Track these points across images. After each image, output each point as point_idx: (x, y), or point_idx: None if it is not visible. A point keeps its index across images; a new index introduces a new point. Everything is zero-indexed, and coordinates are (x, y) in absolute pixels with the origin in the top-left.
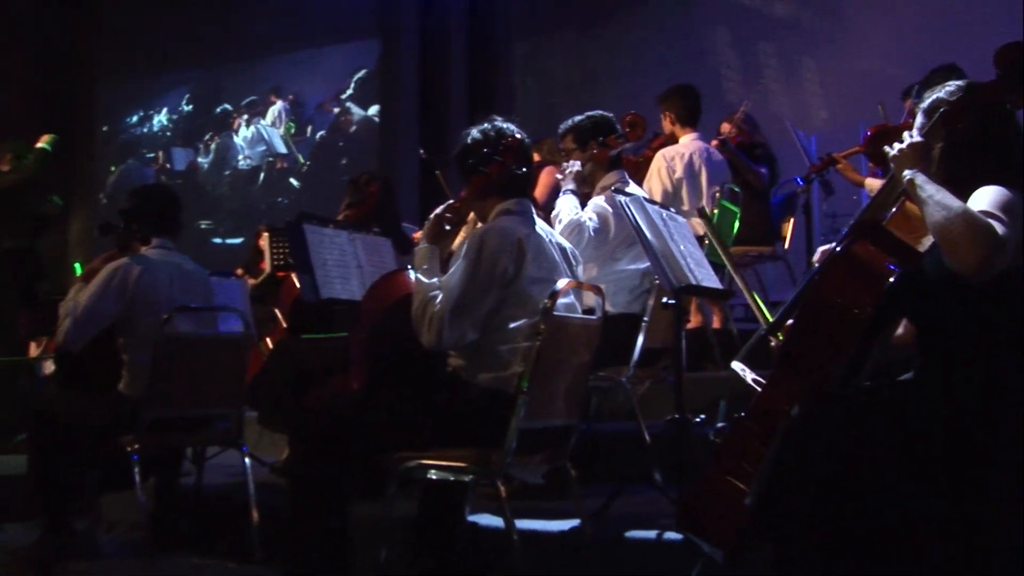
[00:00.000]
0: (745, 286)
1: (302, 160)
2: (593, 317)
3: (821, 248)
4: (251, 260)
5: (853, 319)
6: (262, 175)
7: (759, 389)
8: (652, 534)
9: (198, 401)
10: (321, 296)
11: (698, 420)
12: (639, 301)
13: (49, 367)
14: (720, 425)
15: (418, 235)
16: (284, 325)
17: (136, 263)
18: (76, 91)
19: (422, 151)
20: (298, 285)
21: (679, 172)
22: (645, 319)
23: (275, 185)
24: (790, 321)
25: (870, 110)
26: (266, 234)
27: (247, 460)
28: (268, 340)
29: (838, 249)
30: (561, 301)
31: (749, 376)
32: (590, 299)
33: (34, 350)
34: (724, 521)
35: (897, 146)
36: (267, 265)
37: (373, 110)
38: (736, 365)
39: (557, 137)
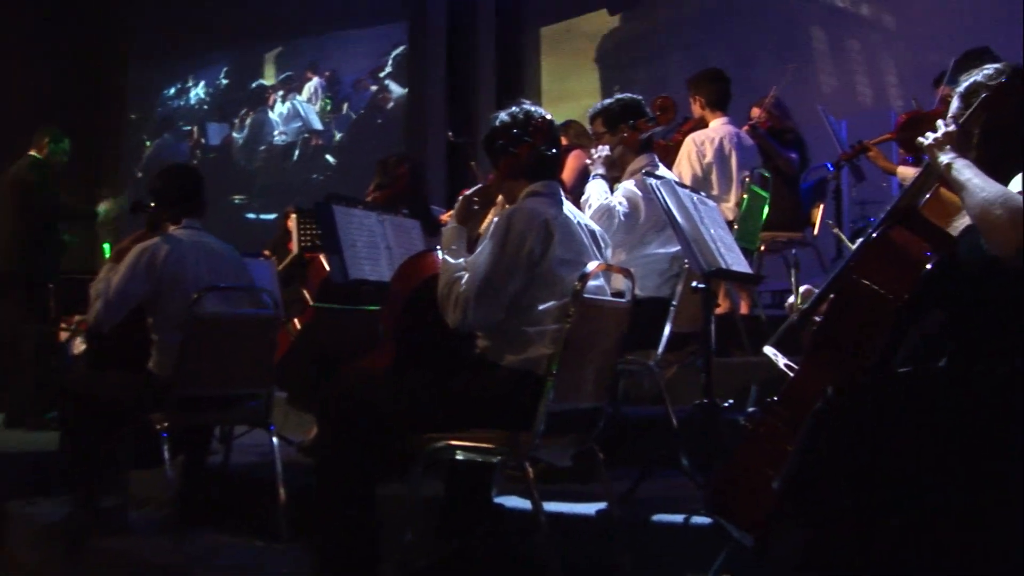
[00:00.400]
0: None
1: (338, 137)
2: (623, 300)
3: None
4: (279, 241)
5: (887, 305)
6: (297, 151)
7: (791, 374)
8: (679, 518)
9: (227, 380)
10: (350, 277)
11: (726, 405)
12: (668, 285)
13: (79, 346)
14: (751, 410)
15: (446, 217)
16: (311, 306)
17: (165, 243)
18: (106, 72)
19: (450, 133)
20: (327, 266)
21: (709, 157)
22: (674, 303)
23: (310, 161)
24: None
25: (901, 95)
26: (294, 215)
27: (275, 440)
28: (296, 321)
29: (874, 235)
30: (591, 284)
31: (781, 361)
32: (619, 282)
33: (63, 334)
34: (753, 505)
35: (932, 134)
36: (295, 246)
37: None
38: (768, 350)
39: (584, 120)
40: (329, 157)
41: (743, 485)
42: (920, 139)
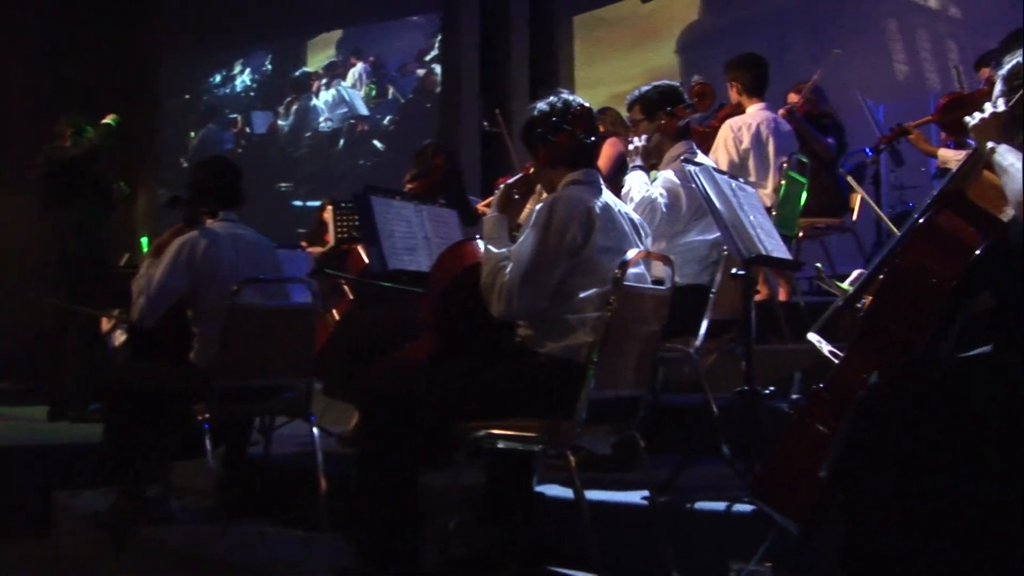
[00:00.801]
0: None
1: (386, 122)
2: (663, 287)
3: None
4: (315, 233)
5: (935, 291)
6: (342, 138)
7: (836, 361)
8: (721, 506)
9: (266, 371)
10: (388, 267)
11: (767, 392)
12: (708, 272)
13: (119, 337)
14: (795, 397)
15: (482, 206)
16: (351, 297)
17: (203, 237)
18: (141, 64)
19: (485, 123)
20: (365, 257)
21: (746, 143)
22: (713, 291)
23: (356, 148)
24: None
25: (940, 79)
26: (330, 207)
27: (315, 430)
28: (335, 312)
29: (920, 220)
30: (631, 271)
31: (825, 348)
32: (659, 270)
33: (105, 324)
34: (798, 493)
35: (978, 115)
36: (331, 238)
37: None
38: (812, 336)
39: (620, 108)
40: (376, 143)
41: (788, 472)
42: (967, 118)
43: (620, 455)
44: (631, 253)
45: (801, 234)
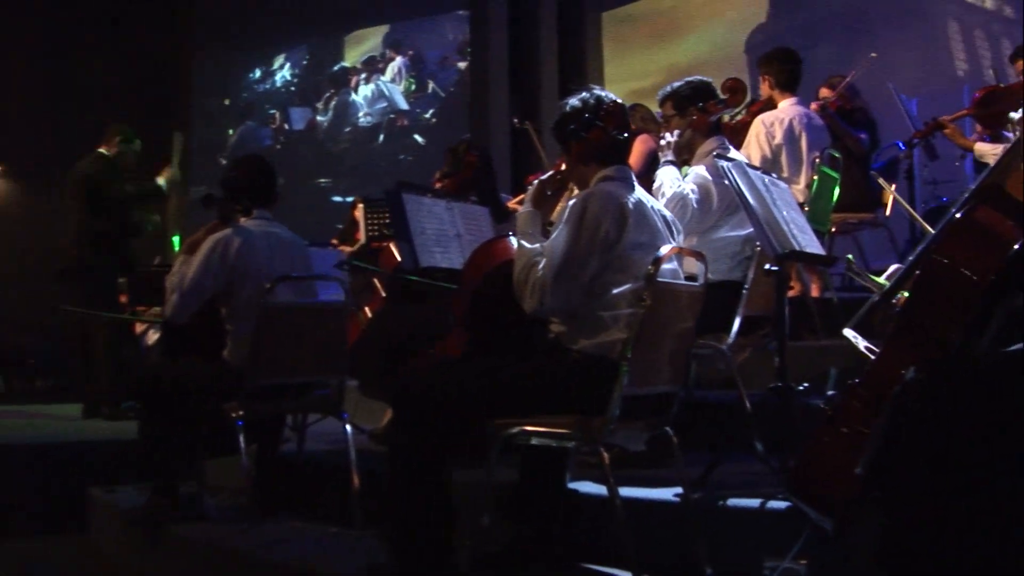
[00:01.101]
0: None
1: (427, 115)
2: (696, 284)
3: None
4: (346, 231)
5: (972, 286)
6: (383, 132)
7: (872, 357)
8: (755, 502)
9: (299, 369)
10: (421, 264)
11: (801, 389)
12: (740, 268)
13: (152, 336)
14: (831, 393)
15: (513, 203)
16: (383, 294)
17: (236, 235)
18: (174, 63)
19: (515, 119)
20: (397, 254)
21: (778, 138)
22: (745, 287)
23: (397, 142)
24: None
25: (971, 71)
26: (361, 205)
27: (348, 427)
28: (367, 309)
29: (958, 214)
30: (664, 267)
31: (861, 344)
32: (692, 266)
33: (139, 326)
34: (833, 489)
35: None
36: (362, 236)
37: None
38: (848, 332)
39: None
40: (418, 137)
41: (823, 469)
42: (1013, 114)
43: (653, 452)
44: (664, 249)
45: (834, 229)
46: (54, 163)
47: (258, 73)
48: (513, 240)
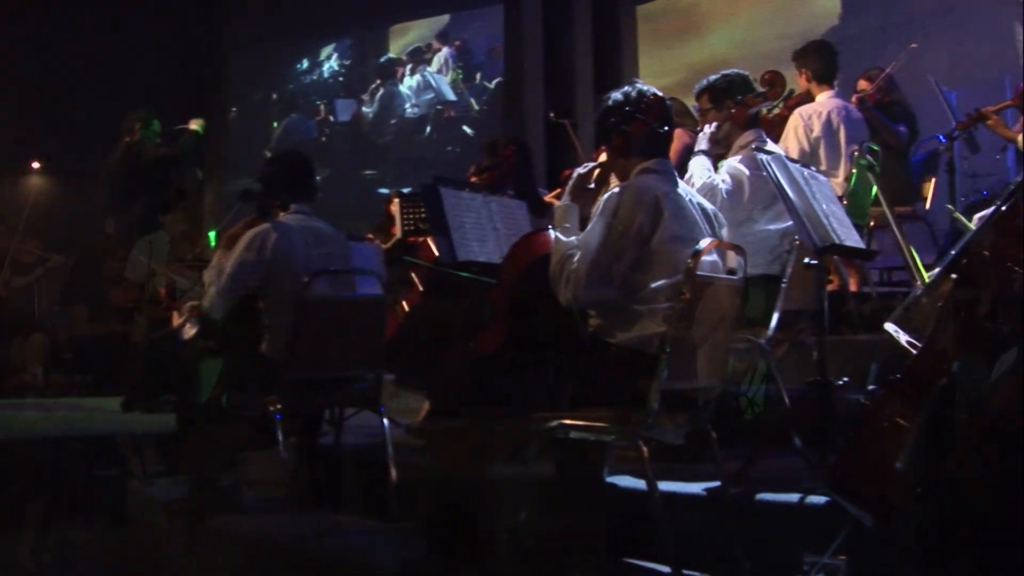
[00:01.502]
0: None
1: (475, 106)
2: (735, 277)
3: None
4: (382, 225)
5: (1018, 280)
6: (430, 124)
7: (913, 352)
8: (794, 497)
9: (337, 363)
10: (458, 258)
11: (840, 383)
12: (778, 262)
13: (189, 331)
14: (871, 388)
15: (550, 197)
16: (420, 288)
17: (274, 230)
18: (213, 58)
19: (552, 113)
20: (435, 249)
21: (817, 131)
22: (784, 281)
23: (444, 133)
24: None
25: (1011, 63)
26: (396, 200)
27: (385, 421)
28: (404, 303)
29: (1003, 207)
30: (705, 260)
31: (903, 338)
32: (732, 260)
33: (176, 318)
34: (874, 484)
35: None
36: (398, 230)
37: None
38: (889, 327)
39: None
40: (466, 128)
41: (864, 463)
42: None
43: (692, 446)
44: (704, 242)
45: (872, 223)
46: (93, 158)
47: (304, 64)
48: (552, 233)
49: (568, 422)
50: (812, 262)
